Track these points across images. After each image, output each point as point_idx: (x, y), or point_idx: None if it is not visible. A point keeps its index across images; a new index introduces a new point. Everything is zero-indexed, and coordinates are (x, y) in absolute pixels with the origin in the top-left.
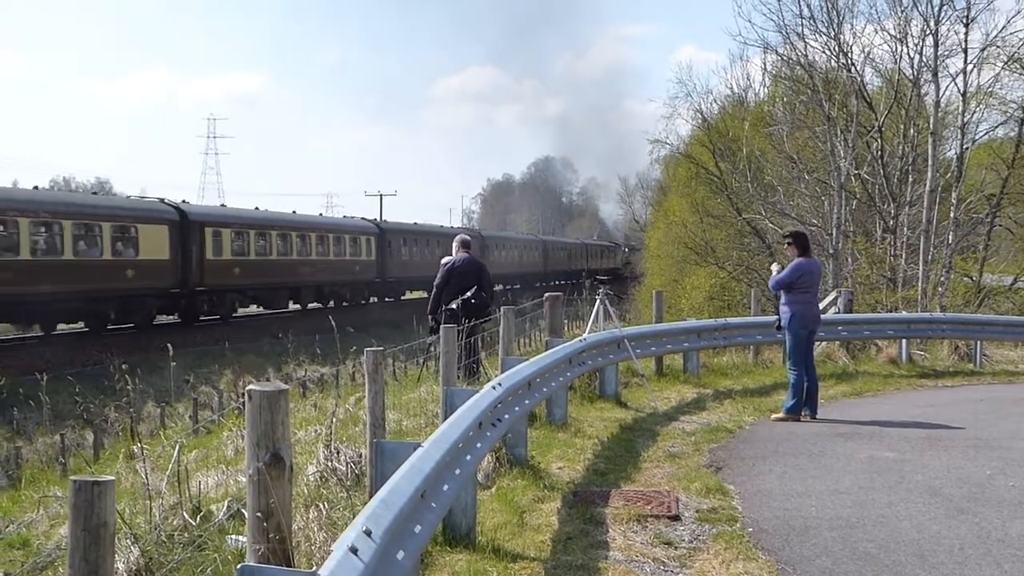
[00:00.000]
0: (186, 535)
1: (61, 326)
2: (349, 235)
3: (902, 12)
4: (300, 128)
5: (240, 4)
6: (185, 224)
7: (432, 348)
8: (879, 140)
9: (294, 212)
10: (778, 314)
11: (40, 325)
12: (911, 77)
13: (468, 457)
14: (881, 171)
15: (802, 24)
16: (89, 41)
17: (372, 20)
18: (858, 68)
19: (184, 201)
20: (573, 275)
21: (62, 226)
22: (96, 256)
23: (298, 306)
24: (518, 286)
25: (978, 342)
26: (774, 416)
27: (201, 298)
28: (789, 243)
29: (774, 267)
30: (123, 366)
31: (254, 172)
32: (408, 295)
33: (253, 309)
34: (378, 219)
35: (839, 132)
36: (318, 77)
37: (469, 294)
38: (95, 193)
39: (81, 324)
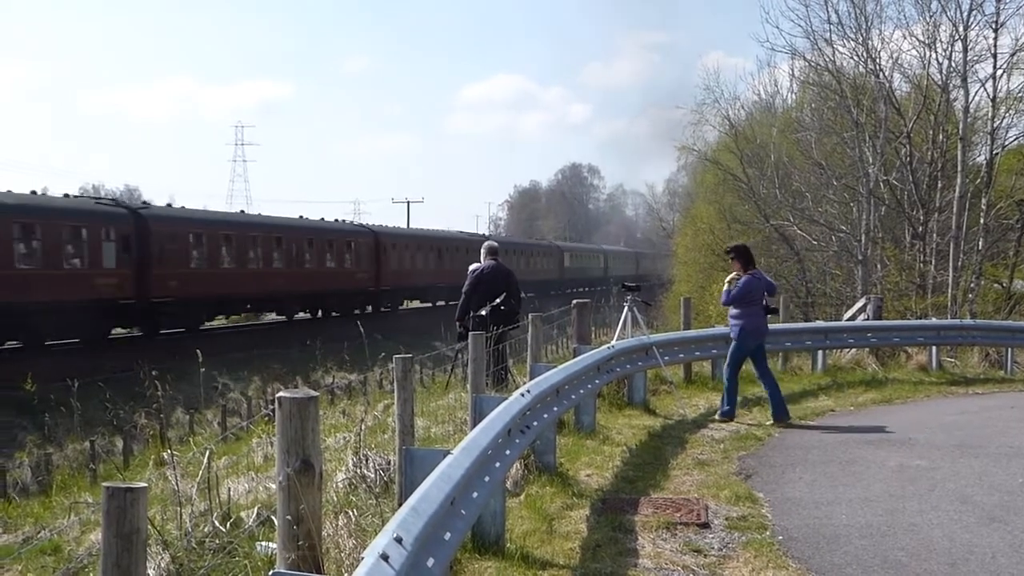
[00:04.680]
0: (216, 542)
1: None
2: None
3: (931, 17)
4: (327, 135)
5: (267, 12)
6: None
7: (460, 355)
8: (908, 146)
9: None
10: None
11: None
12: (940, 82)
13: (497, 464)
14: (910, 177)
15: (830, 30)
16: (115, 48)
17: (399, 28)
18: (886, 74)
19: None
20: (628, 279)
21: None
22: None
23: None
24: (584, 289)
25: (1009, 349)
26: (717, 417)
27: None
28: (732, 258)
29: (727, 281)
30: (152, 372)
31: (282, 179)
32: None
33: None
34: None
35: (867, 138)
36: (345, 84)
37: (498, 300)
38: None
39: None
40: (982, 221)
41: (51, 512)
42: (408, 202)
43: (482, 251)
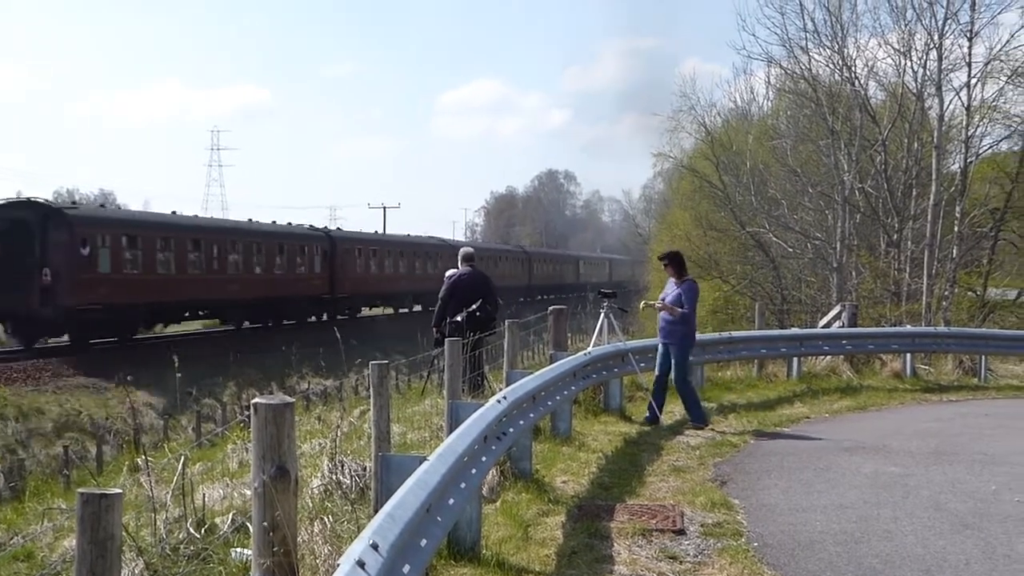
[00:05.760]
0: (191, 548)
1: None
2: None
3: (906, 26)
4: (306, 139)
5: (248, 16)
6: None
7: (436, 361)
8: (883, 154)
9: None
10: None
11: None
12: (915, 91)
13: (473, 471)
14: (885, 185)
15: (806, 38)
16: (99, 54)
17: (379, 33)
18: (862, 82)
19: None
20: (627, 283)
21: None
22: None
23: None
24: (593, 292)
25: (982, 356)
26: (690, 424)
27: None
28: (665, 264)
29: (657, 303)
30: (127, 378)
31: (259, 184)
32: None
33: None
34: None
35: (843, 146)
36: (325, 89)
37: (474, 307)
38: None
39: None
40: (956, 229)
41: (24, 518)
42: (384, 208)
43: (459, 257)
